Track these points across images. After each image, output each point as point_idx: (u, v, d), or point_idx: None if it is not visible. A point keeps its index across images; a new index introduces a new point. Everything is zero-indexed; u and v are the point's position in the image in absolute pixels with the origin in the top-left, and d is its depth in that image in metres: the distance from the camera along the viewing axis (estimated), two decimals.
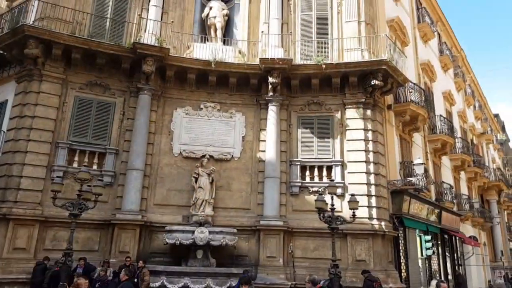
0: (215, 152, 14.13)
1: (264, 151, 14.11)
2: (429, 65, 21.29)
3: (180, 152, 14.05)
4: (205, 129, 14.39)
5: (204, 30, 15.54)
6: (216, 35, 15.25)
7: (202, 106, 14.54)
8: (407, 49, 18.76)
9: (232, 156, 14.27)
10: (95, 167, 13.06)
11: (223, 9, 15.48)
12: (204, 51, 14.35)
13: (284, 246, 13.03)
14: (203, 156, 13.92)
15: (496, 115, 45.88)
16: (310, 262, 12.97)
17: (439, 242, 19.15)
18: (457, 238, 21.51)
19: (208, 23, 15.45)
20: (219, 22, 15.28)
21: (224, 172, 14.12)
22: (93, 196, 10.36)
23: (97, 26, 13.92)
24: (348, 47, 14.55)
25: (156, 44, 13.53)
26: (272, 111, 14.22)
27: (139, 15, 14.51)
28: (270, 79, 13.88)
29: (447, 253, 20.03)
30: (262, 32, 15.14)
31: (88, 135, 13.23)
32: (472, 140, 29.63)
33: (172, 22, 14.51)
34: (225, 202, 13.80)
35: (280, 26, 15.11)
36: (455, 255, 21.20)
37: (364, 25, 14.90)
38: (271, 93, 14.19)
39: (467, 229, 24.43)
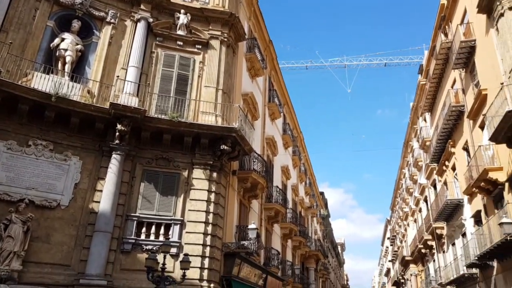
0: (37, 197, 12.19)
1: (98, 202, 12.83)
2: (273, 140, 23.45)
3: None
4: (30, 169, 12.41)
5: (51, 61, 13.91)
6: (63, 69, 13.86)
7: (31, 142, 12.63)
8: (256, 123, 20.41)
9: (59, 204, 12.51)
10: None
11: (77, 44, 14.27)
12: (45, 83, 12.78)
13: None
14: (21, 200, 11.86)
15: (322, 193, 53.27)
16: None
17: None
18: None
19: (57, 54, 13.92)
20: (69, 56, 13.94)
21: (45, 222, 12.18)
22: None
23: None
24: (204, 110, 15.00)
25: None
26: (115, 160, 13.24)
27: None
28: (119, 126, 13.08)
29: None
30: (118, 77, 14.51)
31: None
32: (300, 212, 33.01)
33: (11, 43, 12.66)
34: (40, 256, 11.77)
35: (139, 76, 14.74)
36: None
37: (221, 93, 15.70)
38: (117, 141, 13.29)
39: None
